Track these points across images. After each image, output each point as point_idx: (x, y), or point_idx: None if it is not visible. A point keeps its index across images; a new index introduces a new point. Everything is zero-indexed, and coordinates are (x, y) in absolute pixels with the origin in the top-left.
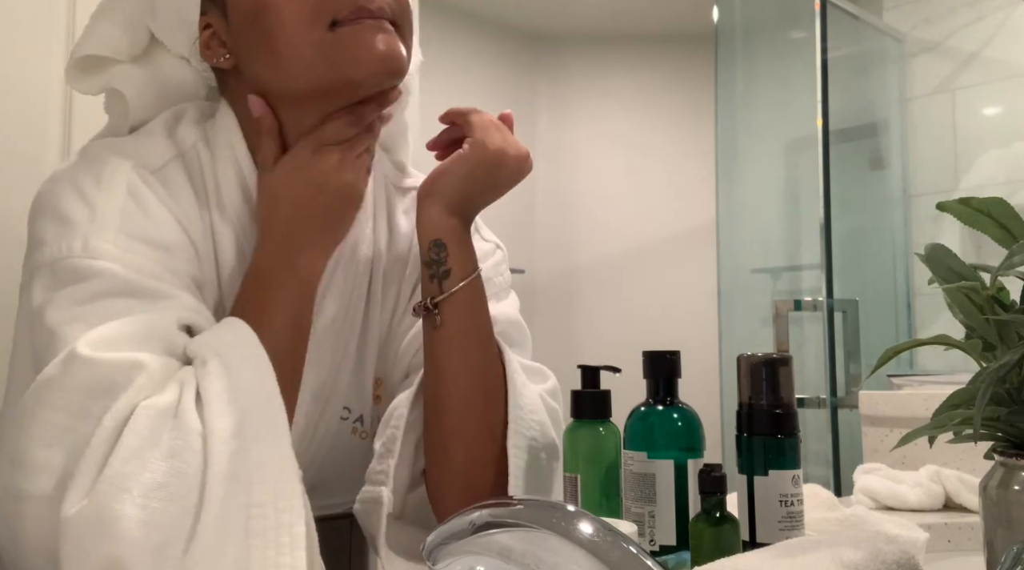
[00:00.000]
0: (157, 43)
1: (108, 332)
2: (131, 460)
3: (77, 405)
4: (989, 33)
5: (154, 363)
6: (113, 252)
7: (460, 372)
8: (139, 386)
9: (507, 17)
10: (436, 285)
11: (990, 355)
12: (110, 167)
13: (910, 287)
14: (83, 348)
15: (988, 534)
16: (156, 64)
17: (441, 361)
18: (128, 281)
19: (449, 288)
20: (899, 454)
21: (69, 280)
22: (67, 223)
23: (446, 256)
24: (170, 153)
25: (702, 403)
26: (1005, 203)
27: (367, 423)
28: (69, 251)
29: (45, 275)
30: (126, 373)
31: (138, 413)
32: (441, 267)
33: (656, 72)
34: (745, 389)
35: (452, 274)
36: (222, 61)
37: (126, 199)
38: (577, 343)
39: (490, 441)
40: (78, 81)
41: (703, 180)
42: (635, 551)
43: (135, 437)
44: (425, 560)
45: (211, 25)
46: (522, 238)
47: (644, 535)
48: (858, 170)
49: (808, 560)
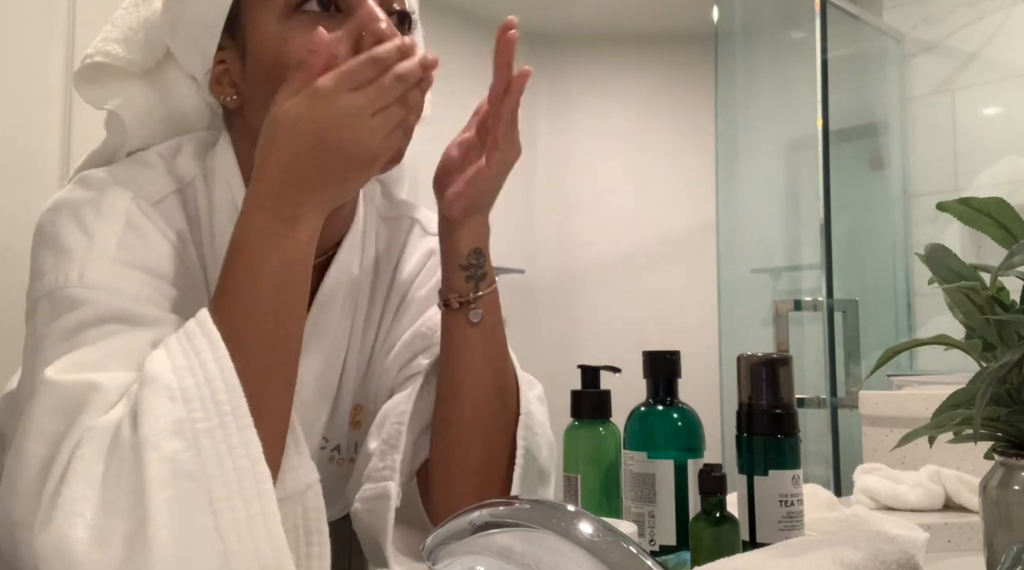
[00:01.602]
0: (171, 60)
1: (79, 356)
2: (79, 483)
3: (45, 431)
4: (989, 33)
5: (110, 381)
6: (107, 281)
7: (486, 369)
8: (94, 407)
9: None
10: (472, 285)
11: (990, 355)
12: (110, 197)
13: (910, 287)
14: (49, 372)
15: (988, 534)
16: (166, 83)
17: (470, 357)
18: (118, 308)
19: (485, 289)
20: (899, 454)
21: (64, 310)
22: (65, 253)
23: (484, 261)
24: (169, 188)
25: (702, 403)
26: (1005, 203)
27: (344, 451)
28: (66, 281)
29: (44, 306)
30: (83, 394)
31: (84, 436)
32: (479, 270)
33: (656, 72)
34: (745, 389)
35: (487, 277)
36: (229, 100)
37: (125, 229)
38: (577, 343)
39: (504, 437)
40: (84, 89)
41: (703, 180)
42: (635, 551)
43: (81, 460)
44: (425, 560)
45: (225, 62)
46: (522, 238)
47: (644, 535)
48: (858, 170)
49: (808, 560)
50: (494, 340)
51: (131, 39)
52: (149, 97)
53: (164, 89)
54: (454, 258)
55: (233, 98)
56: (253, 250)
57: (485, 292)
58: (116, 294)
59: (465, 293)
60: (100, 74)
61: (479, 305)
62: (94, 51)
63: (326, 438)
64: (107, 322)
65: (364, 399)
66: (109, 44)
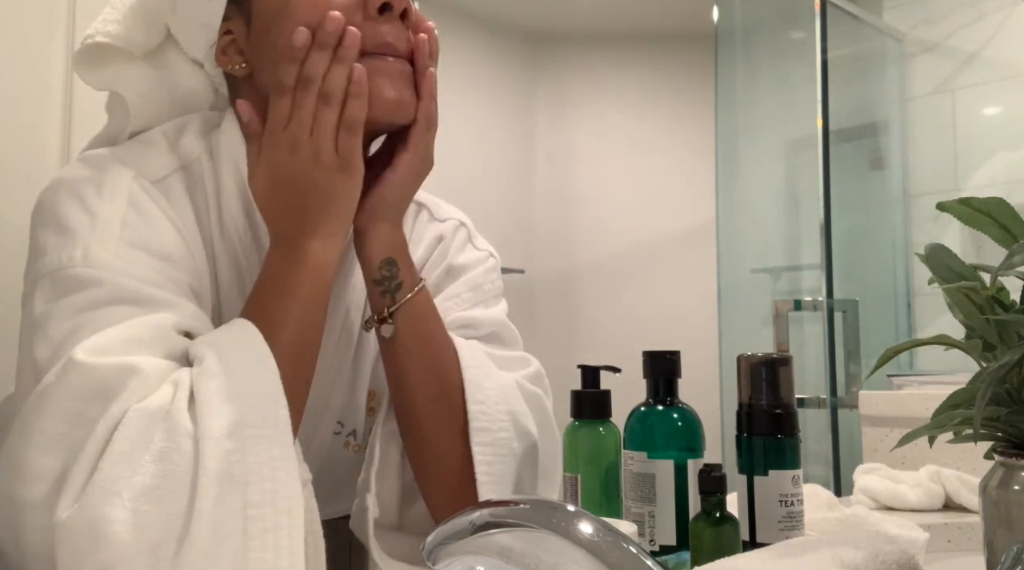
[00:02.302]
0: (172, 42)
1: (106, 338)
2: (120, 463)
3: (73, 411)
4: (989, 33)
5: (149, 366)
6: (113, 261)
7: (420, 378)
8: (133, 390)
9: (506, 17)
10: (389, 298)
11: (990, 355)
12: (112, 176)
13: (910, 287)
14: (79, 354)
15: (988, 534)
16: (167, 65)
17: (400, 370)
18: (128, 289)
19: (401, 298)
20: (899, 454)
21: (70, 289)
22: (68, 232)
23: (397, 271)
24: (172, 165)
25: (702, 403)
26: (1005, 203)
27: (360, 436)
28: (70, 261)
29: (46, 285)
30: (120, 377)
31: (129, 416)
32: (393, 281)
33: (656, 72)
34: (745, 389)
35: (403, 286)
36: (237, 69)
37: (127, 208)
38: (577, 343)
39: (459, 439)
40: (85, 71)
41: (703, 180)
42: (635, 551)
43: (125, 440)
44: (425, 560)
45: (232, 32)
46: (522, 238)
47: (644, 535)
48: (858, 170)
49: (808, 560)
50: (425, 348)
51: (131, 19)
52: (150, 78)
53: (165, 70)
54: (369, 274)
55: (242, 66)
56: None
57: (402, 301)
58: (124, 275)
59: (380, 309)
60: (101, 55)
61: (400, 316)
62: (94, 32)
63: (341, 423)
64: (118, 303)
65: (377, 386)
66: (109, 25)
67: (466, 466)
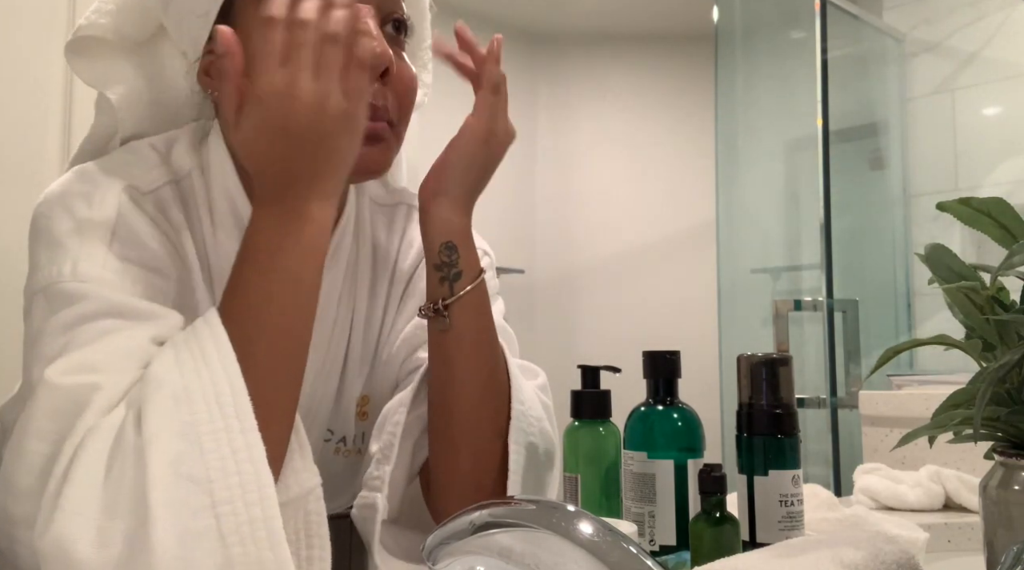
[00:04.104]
0: (163, 34)
1: (80, 356)
2: (81, 483)
3: (46, 431)
4: (989, 33)
5: (112, 382)
6: (101, 274)
7: (471, 374)
8: (97, 407)
9: (507, 17)
10: (447, 287)
11: (990, 355)
12: (102, 188)
13: (910, 287)
14: (50, 374)
15: (988, 534)
16: (156, 62)
17: (452, 363)
18: (114, 302)
19: (460, 290)
20: (899, 454)
21: (60, 305)
22: (58, 247)
23: (457, 258)
24: (163, 178)
25: (702, 403)
26: (1005, 203)
27: (350, 442)
28: (59, 275)
29: (41, 301)
30: (85, 395)
31: (86, 436)
32: (453, 269)
33: (656, 72)
34: (745, 389)
35: (463, 276)
36: (213, 95)
37: (117, 221)
38: (577, 343)
39: (497, 440)
40: (75, 62)
41: (703, 180)
42: (635, 551)
43: (84, 459)
44: (425, 560)
45: (214, 53)
46: (522, 238)
47: (644, 535)
48: (858, 170)
49: (808, 560)
50: (479, 344)
51: (124, 11)
52: (139, 77)
53: (155, 68)
54: (429, 258)
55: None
56: (270, 248)
57: (461, 294)
58: (111, 287)
59: (436, 298)
60: (92, 47)
61: (456, 308)
62: (86, 22)
63: (331, 430)
64: (104, 317)
65: (371, 390)
66: (103, 16)
67: (497, 468)
